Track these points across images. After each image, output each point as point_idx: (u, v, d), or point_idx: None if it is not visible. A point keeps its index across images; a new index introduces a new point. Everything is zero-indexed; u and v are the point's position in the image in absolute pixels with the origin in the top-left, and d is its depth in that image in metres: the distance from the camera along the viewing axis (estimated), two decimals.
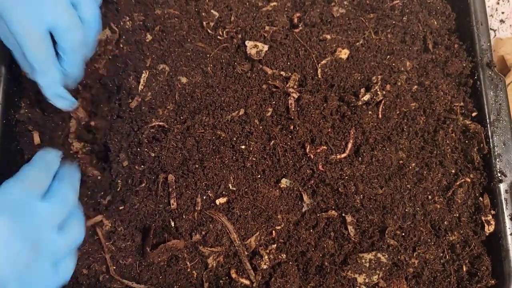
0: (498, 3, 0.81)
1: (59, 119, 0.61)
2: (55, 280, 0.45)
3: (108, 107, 0.62)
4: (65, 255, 0.47)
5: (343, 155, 0.60)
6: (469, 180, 0.61)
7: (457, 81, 0.67)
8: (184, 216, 0.56)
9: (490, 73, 0.64)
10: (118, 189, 0.57)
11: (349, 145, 0.60)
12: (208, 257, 0.56)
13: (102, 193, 0.58)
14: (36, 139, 0.60)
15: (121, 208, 0.57)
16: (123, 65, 0.63)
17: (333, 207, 0.59)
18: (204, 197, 0.58)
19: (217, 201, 0.57)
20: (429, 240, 0.58)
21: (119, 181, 0.58)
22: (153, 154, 0.59)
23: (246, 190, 0.58)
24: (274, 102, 0.62)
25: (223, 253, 0.56)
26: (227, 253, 0.56)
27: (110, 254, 0.56)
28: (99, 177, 0.59)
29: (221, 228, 0.56)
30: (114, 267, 0.56)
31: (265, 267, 0.56)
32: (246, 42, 0.64)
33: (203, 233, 0.56)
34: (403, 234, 0.58)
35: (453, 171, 0.62)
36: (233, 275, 0.55)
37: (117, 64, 0.63)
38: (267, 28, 0.66)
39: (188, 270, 0.56)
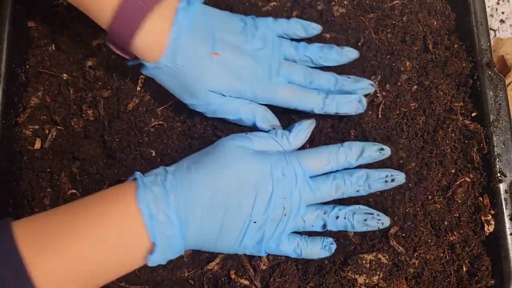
0: (498, 3, 0.81)
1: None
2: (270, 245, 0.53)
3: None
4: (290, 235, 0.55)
5: None
6: (468, 180, 0.61)
7: (457, 81, 0.67)
8: None
9: (490, 73, 0.64)
10: None
11: None
12: (209, 264, 0.56)
13: None
14: (37, 144, 0.60)
15: None
16: (122, 68, 0.63)
17: None
18: None
19: None
20: (429, 240, 0.58)
21: (118, 181, 0.58)
22: (154, 154, 0.59)
23: None
24: None
25: (223, 258, 0.56)
26: (226, 256, 0.56)
27: None
28: (98, 176, 0.59)
29: None
30: None
31: (264, 267, 0.56)
32: None
33: None
34: (404, 234, 0.58)
35: (452, 171, 0.62)
36: (232, 276, 0.55)
37: (115, 67, 0.63)
38: None
39: (187, 274, 0.56)
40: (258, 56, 0.55)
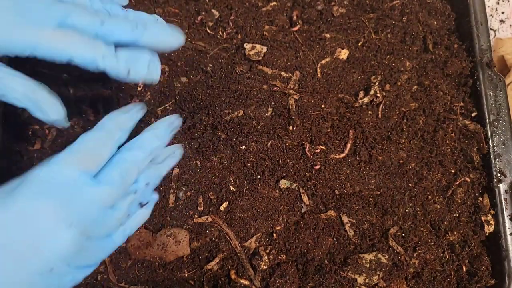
0: (498, 3, 0.81)
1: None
2: (108, 249, 0.42)
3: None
4: (120, 225, 0.43)
5: (342, 155, 0.60)
6: (468, 180, 0.61)
7: (456, 81, 0.67)
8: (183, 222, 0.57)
9: (489, 73, 0.64)
10: None
11: (348, 145, 0.61)
12: (208, 264, 0.56)
13: None
14: (37, 144, 0.60)
15: None
16: None
17: (332, 207, 0.59)
18: (205, 199, 0.58)
19: (221, 207, 0.57)
20: (429, 240, 0.58)
21: None
22: None
23: (246, 191, 0.58)
24: (273, 103, 0.62)
25: (223, 258, 0.56)
26: (226, 256, 0.57)
27: (109, 256, 0.56)
28: None
29: (219, 234, 0.57)
30: (113, 269, 0.56)
31: (264, 267, 0.56)
32: (245, 45, 0.64)
33: (202, 241, 0.57)
34: (404, 234, 0.58)
35: (452, 171, 0.62)
36: (233, 276, 0.55)
37: None
38: (267, 27, 0.66)
39: (187, 274, 0.56)
40: None
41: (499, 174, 0.61)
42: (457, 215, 0.60)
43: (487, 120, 0.62)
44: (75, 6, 0.42)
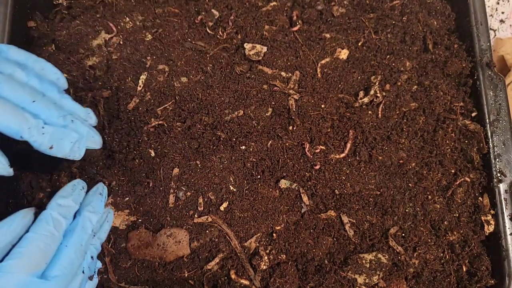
0: (498, 3, 0.81)
1: None
2: None
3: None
4: None
5: (342, 155, 0.60)
6: (468, 180, 0.61)
7: (456, 81, 0.67)
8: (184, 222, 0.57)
9: (489, 73, 0.64)
10: (117, 189, 0.57)
11: (348, 145, 0.61)
12: (208, 264, 0.56)
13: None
14: None
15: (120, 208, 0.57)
16: (122, 68, 0.63)
17: (332, 207, 0.59)
18: (205, 199, 0.58)
19: (221, 207, 0.57)
20: (429, 240, 0.58)
21: (117, 181, 0.58)
22: (153, 154, 0.59)
23: (246, 191, 0.58)
24: (273, 103, 0.62)
25: (223, 258, 0.56)
26: (226, 256, 0.57)
27: (109, 256, 0.56)
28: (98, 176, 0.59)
29: (219, 234, 0.57)
30: (113, 269, 0.56)
31: (264, 267, 0.56)
32: (245, 45, 0.64)
33: (202, 241, 0.57)
34: (404, 234, 0.58)
35: (452, 171, 0.62)
36: (233, 276, 0.55)
37: (115, 67, 0.63)
38: (267, 27, 0.66)
39: (187, 274, 0.56)
40: None
41: (499, 174, 0.60)
42: (457, 215, 0.60)
43: (487, 120, 0.62)
44: (9, 79, 0.44)
